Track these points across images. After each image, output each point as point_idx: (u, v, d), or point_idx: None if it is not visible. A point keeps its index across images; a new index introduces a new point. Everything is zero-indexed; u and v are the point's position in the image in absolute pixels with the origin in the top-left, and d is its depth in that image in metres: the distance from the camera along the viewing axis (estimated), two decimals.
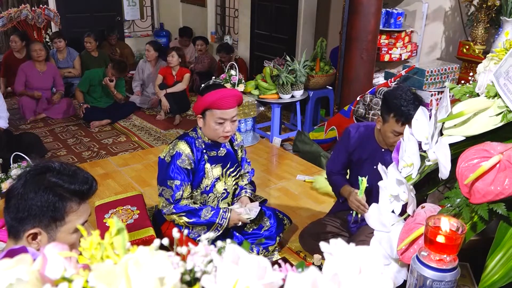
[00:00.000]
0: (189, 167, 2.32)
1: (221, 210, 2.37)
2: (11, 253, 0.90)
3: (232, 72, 4.33)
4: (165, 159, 2.33)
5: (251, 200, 2.58)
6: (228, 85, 4.24)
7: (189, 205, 2.34)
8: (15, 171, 3.27)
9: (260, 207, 2.50)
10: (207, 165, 2.39)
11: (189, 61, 6.30)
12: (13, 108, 5.05)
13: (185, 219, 2.32)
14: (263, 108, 4.61)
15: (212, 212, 2.34)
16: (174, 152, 2.30)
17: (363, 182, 2.22)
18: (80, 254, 0.53)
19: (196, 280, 0.54)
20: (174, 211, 2.31)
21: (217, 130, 2.28)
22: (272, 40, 5.82)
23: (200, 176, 2.39)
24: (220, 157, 2.44)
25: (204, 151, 2.39)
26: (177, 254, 0.56)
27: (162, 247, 0.54)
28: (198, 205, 2.38)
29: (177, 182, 2.29)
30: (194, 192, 2.42)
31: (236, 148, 2.56)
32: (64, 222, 1.20)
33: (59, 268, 0.52)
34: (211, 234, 0.61)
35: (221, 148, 2.45)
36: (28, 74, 4.94)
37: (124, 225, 0.53)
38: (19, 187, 1.19)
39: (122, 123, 5.07)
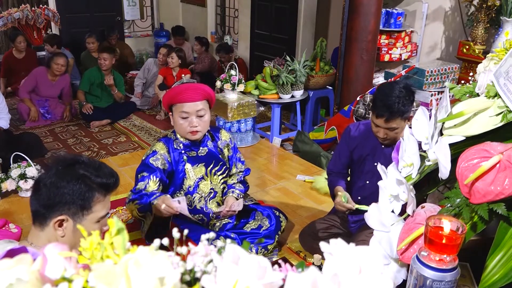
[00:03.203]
0: (161, 167, 2.29)
1: (158, 194, 2.21)
2: (11, 253, 0.90)
3: (232, 72, 4.33)
4: (142, 158, 2.34)
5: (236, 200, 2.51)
6: (228, 85, 4.25)
7: (146, 193, 2.20)
8: (15, 171, 3.27)
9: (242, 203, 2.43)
10: (187, 166, 2.36)
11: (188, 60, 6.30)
12: (13, 108, 5.05)
13: (136, 206, 2.17)
14: (263, 108, 4.61)
15: (155, 196, 2.18)
16: (150, 152, 2.32)
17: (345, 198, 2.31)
18: (80, 254, 0.53)
19: (196, 280, 0.54)
20: (131, 198, 2.21)
21: (183, 125, 2.26)
22: (272, 40, 5.82)
23: (181, 177, 2.36)
24: (201, 157, 2.41)
25: (183, 151, 2.36)
26: (177, 254, 0.56)
27: (162, 247, 0.54)
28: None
29: (145, 174, 2.25)
30: (178, 193, 2.40)
31: (221, 147, 2.51)
32: (91, 211, 1.28)
33: (59, 268, 0.52)
34: (212, 234, 0.61)
35: (201, 148, 2.41)
36: (39, 82, 4.89)
37: (124, 225, 0.54)
38: (51, 176, 1.26)
39: (122, 123, 5.07)
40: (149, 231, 2.26)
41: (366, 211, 1.16)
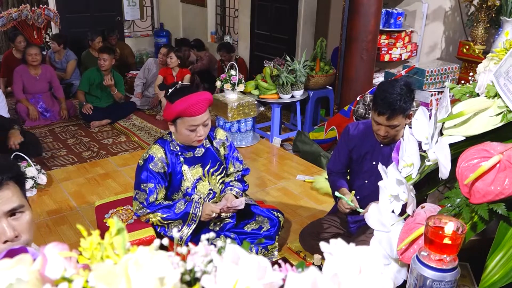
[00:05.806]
0: (162, 171, 2.31)
1: (194, 201, 2.35)
2: (11, 253, 0.90)
3: (232, 72, 4.33)
4: (139, 162, 2.34)
5: (237, 198, 2.50)
6: (228, 85, 4.25)
7: (162, 203, 2.33)
8: None
9: (243, 202, 2.43)
10: (184, 167, 2.36)
11: (190, 60, 6.29)
12: (12, 108, 5.05)
13: (160, 215, 2.30)
14: (263, 108, 4.61)
15: (186, 204, 2.33)
16: (147, 156, 2.31)
17: (351, 197, 2.33)
18: (80, 254, 0.53)
19: (196, 280, 0.54)
20: (148, 210, 2.30)
21: (190, 136, 2.26)
22: (272, 40, 5.82)
23: (178, 179, 2.37)
24: (197, 158, 2.40)
25: (180, 153, 2.36)
26: (177, 254, 0.56)
27: (162, 247, 0.54)
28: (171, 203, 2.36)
29: (151, 185, 2.28)
30: (176, 195, 2.40)
31: (216, 146, 2.50)
32: None
33: (59, 268, 0.52)
34: (212, 234, 0.61)
35: (198, 148, 2.41)
36: (24, 79, 4.88)
37: (124, 225, 0.53)
38: None
39: (122, 123, 5.07)
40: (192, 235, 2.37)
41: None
